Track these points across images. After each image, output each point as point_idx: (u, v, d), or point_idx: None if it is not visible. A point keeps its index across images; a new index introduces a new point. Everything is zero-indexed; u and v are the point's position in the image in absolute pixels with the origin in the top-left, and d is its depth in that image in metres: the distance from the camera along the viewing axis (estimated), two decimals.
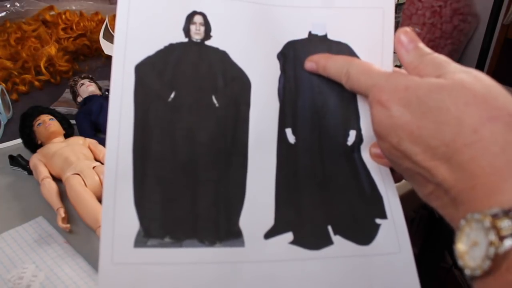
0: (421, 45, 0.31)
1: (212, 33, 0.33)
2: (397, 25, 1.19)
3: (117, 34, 0.31)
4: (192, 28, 0.33)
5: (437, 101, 0.26)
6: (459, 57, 1.36)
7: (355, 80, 0.31)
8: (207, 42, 0.33)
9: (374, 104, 0.29)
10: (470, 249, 0.23)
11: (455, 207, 0.26)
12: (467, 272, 0.22)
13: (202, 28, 0.33)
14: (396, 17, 1.18)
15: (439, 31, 1.24)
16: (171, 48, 0.32)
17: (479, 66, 1.20)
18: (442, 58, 0.29)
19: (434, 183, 0.27)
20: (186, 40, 0.33)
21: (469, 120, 0.25)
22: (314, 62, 0.34)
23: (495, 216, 0.22)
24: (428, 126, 0.26)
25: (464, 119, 0.25)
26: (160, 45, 0.32)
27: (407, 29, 0.31)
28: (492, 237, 0.21)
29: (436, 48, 1.26)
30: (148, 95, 0.32)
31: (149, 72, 0.32)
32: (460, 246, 0.23)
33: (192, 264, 0.31)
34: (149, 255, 0.30)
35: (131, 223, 0.30)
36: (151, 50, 0.32)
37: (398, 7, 1.13)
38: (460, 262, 0.23)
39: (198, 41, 0.33)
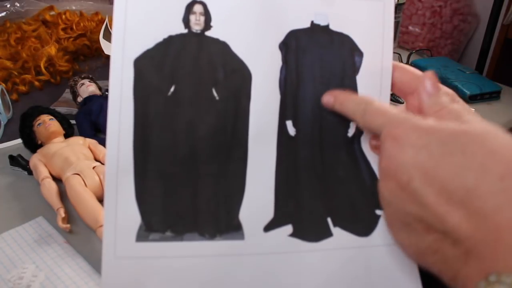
0: (444, 92, 0.30)
1: (212, 23, 0.33)
2: (397, 25, 1.19)
3: (115, 28, 0.31)
4: (192, 18, 0.32)
5: (461, 145, 0.25)
6: (459, 57, 1.36)
7: (372, 116, 0.30)
8: (207, 33, 0.33)
9: (388, 139, 0.28)
10: None
11: (465, 262, 0.24)
12: None
13: (202, 18, 0.32)
14: (396, 17, 1.18)
15: (439, 31, 1.24)
16: (170, 41, 0.32)
17: (479, 66, 1.20)
18: (465, 107, 0.28)
19: (440, 232, 0.25)
20: (185, 31, 0.32)
21: (495, 168, 0.23)
22: (333, 96, 0.33)
23: None
24: (448, 168, 0.24)
25: (490, 166, 0.23)
26: (159, 38, 0.32)
27: (432, 73, 0.30)
28: None
29: (436, 48, 1.26)
30: (148, 89, 0.32)
31: (148, 66, 0.32)
32: None
33: (193, 257, 0.31)
34: (151, 249, 0.31)
35: (133, 217, 0.31)
36: (150, 43, 0.32)
37: (398, 7, 1.12)
38: None
39: (198, 32, 0.33)
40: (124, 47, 0.31)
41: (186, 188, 0.32)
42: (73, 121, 0.71)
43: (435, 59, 1.05)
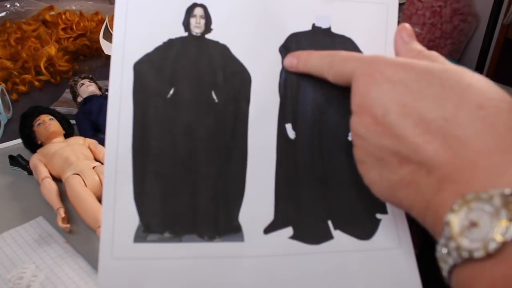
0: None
1: (212, 26, 0.33)
2: (397, 25, 1.19)
3: (115, 32, 0.31)
4: (192, 21, 0.32)
5: (439, 79, 0.25)
6: (459, 57, 1.36)
7: (341, 65, 0.30)
8: (208, 36, 0.33)
9: (361, 77, 0.28)
10: (467, 230, 0.21)
11: (439, 189, 0.24)
12: (463, 254, 0.21)
13: (203, 21, 0.33)
14: None
15: (439, 31, 1.24)
16: (170, 44, 0.32)
17: (479, 66, 1.20)
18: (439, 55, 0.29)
19: (415, 162, 0.25)
20: (186, 34, 0.32)
21: (473, 98, 0.24)
22: (295, 56, 0.33)
23: (506, 197, 0.20)
24: (426, 99, 0.25)
25: (468, 97, 0.24)
26: (159, 41, 0.32)
27: (407, 25, 0.31)
28: (504, 217, 0.20)
29: (436, 48, 1.26)
30: (147, 92, 0.32)
31: (147, 69, 0.32)
32: (454, 226, 0.21)
33: (192, 259, 0.31)
34: (149, 250, 0.31)
35: (131, 218, 0.31)
36: (150, 47, 0.32)
37: (398, 7, 1.13)
38: (452, 244, 0.21)
39: (198, 35, 0.33)
40: (124, 51, 0.31)
41: (185, 189, 0.32)
42: (73, 121, 0.71)
43: None
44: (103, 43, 0.76)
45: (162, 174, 0.32)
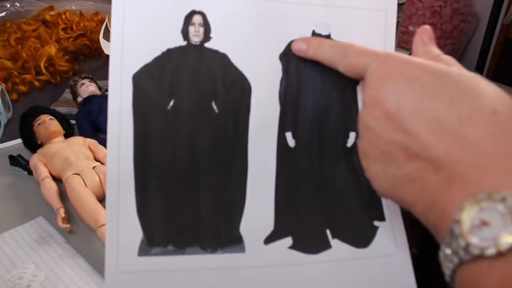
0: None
1: (211, 35, 0.32)
2: (397, 25, 1.19)
3: (112, 43, 0.31)
4: (191, 29, 0.32)
5: (455, 82, 0.25)
6: (459, 57, 1.36)
7: (355, 57, 0.30)
8: (207, 45, 0.32)
9: (376, 72, 0.28)
10: (477, 228, 0.21)
11: (447, 187, 0.24)
12: (473, 251, 0.21)
13: (202, 29, 0.32)
14: (396, 17, 1.18)
15: (439, 31, 1.24)
16: (169, 54, 0.32)
17: (479, 66, 1.20)
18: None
19: (422, 159, 0.25)
20: (184, 43, 0.32)
21: (488, 102, 0.24)
22: (306, 41, 0.33)
23: None
24: (441, 99, 0.25)
25: (483, 100, 0.24)
26: (157, 51, 0.32)
27: (428, 27, 0.31)
28: None
29: None
30: (147, 104, 0.31)
31: (147, 80, 0.31)
32: (464, 224, 0.22)
33: (195, 271, 0.31)
34: (153, 263, 0.31)
35: (135, 232, 0.31)
36: (148, 58, 0.31)
37: (398, 7, 1.12)
38: (461, 241, 0.22)
39: (197, 43, 0.32)
40: (122, 62, 0.31)
41: (187, 201, 0.32)
42: (73, 121, 0.71)
43: None
44: (103, 43, 0.76)
45: (164, 186, 0.32)
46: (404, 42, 1.27)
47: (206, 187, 0.32)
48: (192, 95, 0.32)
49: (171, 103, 0.32)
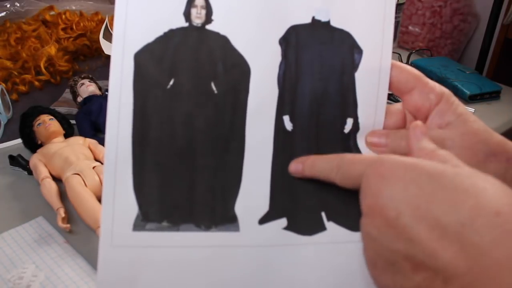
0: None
1: (213, 17, 0.33)
2: (397, 25, 1.19)
3: (116, 22, 0.31)
4: (193, 11, 0.32)
5: (452, 182, 0.24)
6: (459, 57, 1.36)
7: (349, 166, 0.29)
8: (208, 27, 0.33)
9: (371, 177, 0.27)
10: None
11: None
12: None
13: (203, 12, 0.32)
14: (396, 17, 1.18)
15: (439, 31, 1.24)
16: (170, 34, 0.32)
17: (479, 66, 1.20)
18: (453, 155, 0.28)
19: (430, 270, 0.24)
20: (186, 24, 0.32)
21: (490, 203, 0.23)
22: (300, 162, 0.33)
23: None
24: (441, 202, 0.24)
25: (485, 201, 0.23)
26: (159, 32, 0.32)
27: (419, 123, 0.30)
28: None
29: (436, 48, 1.26)
30: (147, 82, 0.32)
31: (148, 59, 0.32)
32: None
33: (188, 248, 0.32)
34: (147, 239, 0.32)
35: (130, 207, 0.32)
36: (150, 37, 0.32)
37: (398, 7, 1.13)
38: None
39: (199, 25, 0.33)
40: (125, 41, 0.32)
41: (183, 179, 0.33)
42: (73, 121, 0.71)
43: (435, 59, 1.05)
44: (103, 43, 0.76)
45: (161, 164, 0.32)
46: (404, 42, 1.27)
47: (202, 166, 0.33)
48: (192, 75, 0.33)
49: (171, 83, 0.32)
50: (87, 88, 0.75)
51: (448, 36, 1.27)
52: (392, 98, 0.77)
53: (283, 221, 0.33)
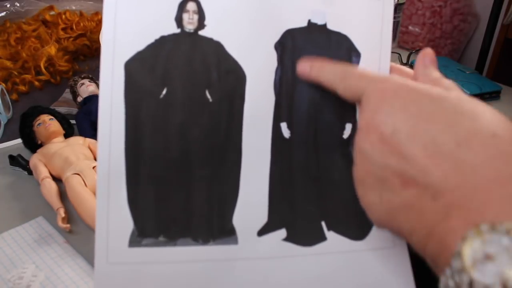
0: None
1: (206, 22, 0.32)
2: (397, 25, 1.19)
3: (104, 30, 0.30)
4: (185, 17, 0.31)
5: (452, 105, 0.25)
6: (459, 57, 1.36)
7: (354, 79, 0.29)
8: (201, 32, 0.32)
9: (372, 94, 0.27)
10: (480, 263, 0.20)
11: (445, 215, 0.23)
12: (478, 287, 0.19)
13: (196, 17, 0.32)
14: (396, 17, 1.18)
15: (439, 31, 1.24)
16: (162, 41, 0.31)
17: (479, 66, 1.20)
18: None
19: (420, 185, 0.24)
20: (178, 31, 0.32)
21: (487, 125, 0.23)
22: (309, 64, 0.32)
23: None
24: (439, 122, 0.24)
25: (482, 123, 0.23)
26: (150, 39, 0.31)
27: (429, 50, 0.31)
28: None
29: (436, 48, 1.26)
30: (139, 92, 0.31)
31: (139, 68, 0.31)
32: (467, 258, 0.20)
33: (186, 263, 0.31)
34: (144, 254, 0.30)
35: (125, 223, 0.31)
36: (141, 45, 0.31)
37: (398, 7, 1.12)
38: (464, 277, 0.20)
39: (191, 31, 0.32)
40: (115, 49, 0.31)
41: (179, 192, 0.32)
42: (73, 121, 0.71)
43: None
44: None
45: (156, 176, 0.31)
46: (404, 42, 1.27)
47: (198, 177, 0.32)
48: (186, 83, 0.32)
49: (164, 92, 0.31)
50: (87, 88, 0.75)
51: (448, 36, 1.27)
52: None
53: (282, 232, 0.33)
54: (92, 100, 0.73)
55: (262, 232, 0.32)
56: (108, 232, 0.30)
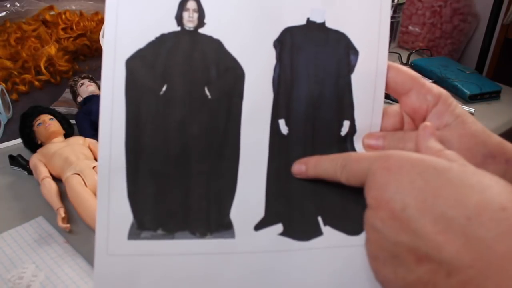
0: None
1: (205, 20, 0.32)
2: (397, 25, 1.19)
3: (106, 28, 0.31)
4: (185, 15, 0.32)
5: (458, 178, 0.25)
6: (459, 57, 1.36)
7: (355, 164, 0.29)
8: (201, 30, 0.32)
9: (378, 171, 0.27)
10: None
11: None
12: None
13: (196, 15, 0.32)
14: (396, 17, 1.18)
15: (439, 31, 1.24)
16: (162, 39, 0.32)
17: (479, 66, 1.20)
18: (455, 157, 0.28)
19: (434, 262, 0.24)
20: (178, 29, 0.32)
21: (495, 198, 0.23)
22: (303, 163, 0.33)
23: None
24: (447, 195, 0.24)
25: (490, 197, 0.23)
26: (151, 37, 0.32)
27: (428, 124, 0.30)
28: None
29: (436, 48, 1.26)
30: (140, 89, 0.32)
31: (140, 65, 0.32)
32: None
33: (184, 255, 0.32)
34: (142, 247, 0.32)
35: (125, 215, 0.32)
36: (142, 43, 0.32)
37: (398, 7, 1.12)
38: None
39: (191, 29, 0.32)
40: (116, 46, 0.31)
41: (178, 187, 0.32)
42: (73, 121, 0.71)
43: (435, 59, 1.05)
44: (103, 43, 0.76)
45: (155, 171, 0.32)
46: (404, 42, 1.27)
47: (197, 172, 0.33)
48: (185, 80, 0.32)
49: (164, 89, 0.32)
50: (87, 88, 0.75)
51: (448, 36, 1.27)
52: (391, 98, 0.77)
53: (279, 227, 0.33)
54: (92, 100, 0.73)
55: (259, 226, 0.33)
56: (108, 224, 0.31)
